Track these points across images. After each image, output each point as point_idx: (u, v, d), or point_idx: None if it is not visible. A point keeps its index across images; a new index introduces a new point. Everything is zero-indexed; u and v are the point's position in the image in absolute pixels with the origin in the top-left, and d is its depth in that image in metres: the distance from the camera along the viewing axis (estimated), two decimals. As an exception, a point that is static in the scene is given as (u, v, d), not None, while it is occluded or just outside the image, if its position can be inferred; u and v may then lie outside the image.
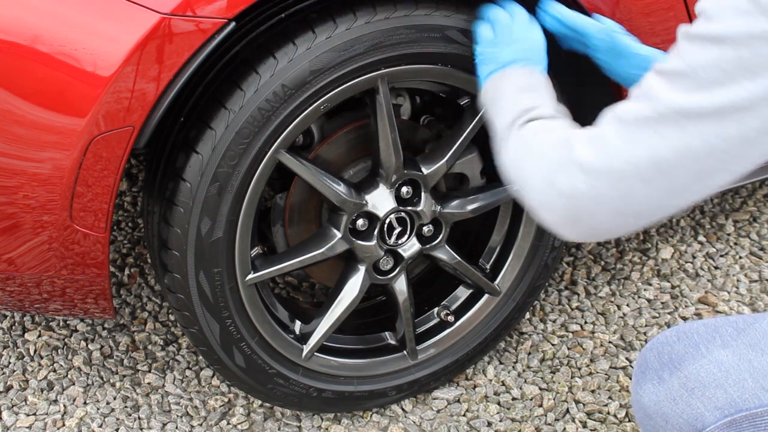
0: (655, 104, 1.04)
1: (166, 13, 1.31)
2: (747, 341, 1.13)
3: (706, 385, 1.11)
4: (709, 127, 1.01)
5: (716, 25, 1.00)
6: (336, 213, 1.69)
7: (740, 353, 1.12)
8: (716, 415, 1.11)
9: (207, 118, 1.50)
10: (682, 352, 1.15)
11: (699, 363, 1.13)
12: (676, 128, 1.02)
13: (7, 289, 1.58)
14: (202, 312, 1.62)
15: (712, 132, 1.01)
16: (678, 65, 1.03)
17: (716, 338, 1.14)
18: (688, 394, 1.12)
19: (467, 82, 1.64)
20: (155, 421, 1.89)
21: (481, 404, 1.95)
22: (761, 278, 2.28)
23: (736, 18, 0.98)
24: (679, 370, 1.14)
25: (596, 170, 1.08)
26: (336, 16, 1.49)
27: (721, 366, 1.12)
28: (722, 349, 1.13)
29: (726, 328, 1.15)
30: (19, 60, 1.32)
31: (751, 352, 1.11)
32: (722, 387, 1.11)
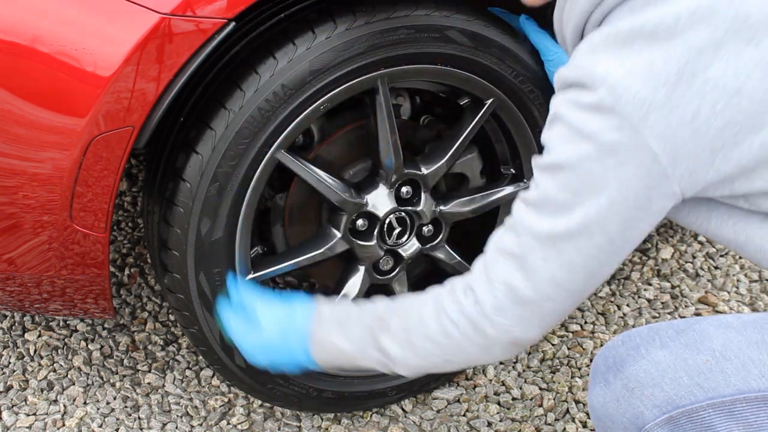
0: (531, 234, 1.18)
1: (166, 13, 1.31)
2: (684, 341, 1.17)
3: (645, 385, 1.16)
4: (580, 242, 1.15)
5: (552, 155, 1.15)
6: (336, 213, 1.69)
7: (677, 353, 1.16)
8: (655, 413, 1.15)
9: (207, 118, 1.50)
10: (624, 354, 1.20)
11: (638, 364, 1.17)
12: (555, 251, 1.16)
13: (7, 289, 1.58)
14: (202, 312, 1.62)
15: (584, 245, 1.15)
16: (536, 195, 1.17)
17: (656, 339, 1.19)
18: (629, 394, 1.17)
19: (467, 82, 1.64)
20: (155, 421, 1.89)
21: (481, 404, 1.95)
22: (761, 278, 2.28)
23: (564, 146, 1.13)
24: (621, 371, 1.19)
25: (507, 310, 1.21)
26: (336, 16, 1.50)
27: (659, 365, 1.16)
28: (660, 350, 1.17)
29: (666, 330, 1.20)
30: (19, 60, 1.32)
31: (687, 351, 1.15)
32: (659, 386, 1.15)
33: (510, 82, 1.66)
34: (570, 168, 1.13)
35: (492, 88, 1.67)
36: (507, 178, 1.83)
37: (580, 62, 1.12)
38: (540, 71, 1.67)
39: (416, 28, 1.54)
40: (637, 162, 1.09)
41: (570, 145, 1.12)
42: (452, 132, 1.74)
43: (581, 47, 1.15)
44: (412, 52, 1.55)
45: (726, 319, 1.19)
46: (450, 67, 1.61)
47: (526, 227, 1.18)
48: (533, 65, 1.66)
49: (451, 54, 1.59)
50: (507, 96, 1.68)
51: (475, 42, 1.60)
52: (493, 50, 1.62)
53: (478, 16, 1.61)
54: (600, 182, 1.12)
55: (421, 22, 1.54)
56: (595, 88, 1.09)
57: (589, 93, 1.10)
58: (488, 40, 1.61)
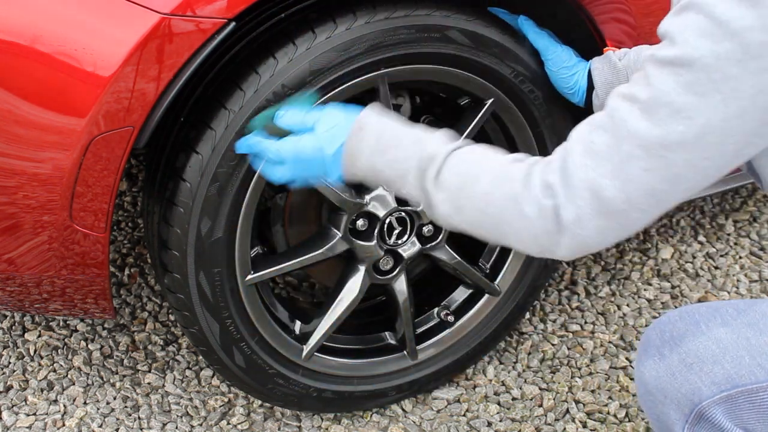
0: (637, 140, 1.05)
1: (166, 13, 1.31)
2: (746, 320, 1.15)
3: (705, 361, 1.14)
4: (692, 154, 1.04)
5: (681, 48, 1.01)
6: (336, 213, 1.69)
7: (739, 331, 1.14)
8: (713, 390, 1.13)
9: (207, 118, 1.50)
10: (683, 329, 1.17)
11: (698, 340, 1.15)
12: (662, 162, 1.04)
13: (7, 289, 1.58)
14: (202, 312, 1.62)
15: (696, 157, 1.04)
16: (649, 93, 1.04)
17: (716, 317, 1.16)
18: (687, 370, 1.15)
19: (467, 82, 1.64)
20: (155, 421, 1.89)
21: (481, 404, 1.95)
22: (761, 278, 2.28)
23: (701, 40, 0.99)
24: (679, 346, 1.16)
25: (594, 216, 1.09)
26: (336, 16, 1.50)
27: (720, 343, 1.14)
28: (721, 327, 1.15)
29: (727, 308, 1.17)
30: (19, 60, 1.32)
31: (749, 331, 1.14)
32: (720, 363, 1.13)
33: (510, 82, 1.66)
34: (703, 67, 0.99)
35: (492, 88, 1.67)
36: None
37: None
38: (540, 71, 1.67)
39: (416, 28, 1.54)
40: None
41: (707, 41, 0.98)
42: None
43: None
44: (412, 52, 1.55)
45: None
46: (450, 67, 1.61)
47: (631, 131, 1.04)
48: (533, 65, 1.66)
49: (451, 54, 1.59)
50: (507, 96, 1.68)
51: (475, 42, 1.60)
52: (493, 50, 1.62)
53: (478, 16, 1.61)
54: (735, 88, 0.99)
55: (421, 22, 1.54)
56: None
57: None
58: (488, 40, 1.61)
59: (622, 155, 1.05)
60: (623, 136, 1.05)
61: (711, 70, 0.99)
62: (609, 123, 1.07)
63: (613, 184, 1.06)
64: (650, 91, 1.03)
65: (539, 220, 1.12)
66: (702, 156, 1.04)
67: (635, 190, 1.06)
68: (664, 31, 1.04)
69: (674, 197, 1.08)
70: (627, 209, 1.07)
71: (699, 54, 0.99)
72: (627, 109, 1.05)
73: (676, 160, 1.04)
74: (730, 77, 0.99)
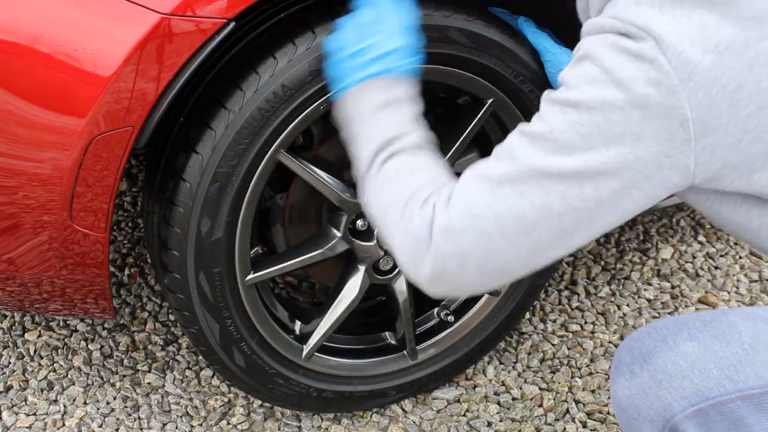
0: (517, 164, 1.09)
1: (166, 13, 1.31)
2: (713, 333, 1.15)
3: (673, 376, 1.15)
4: (568, 188, 1.07)
5: (573, 92, 1.07)
6: (336, 213, 1.69)
7: (706, 344, 1.14)
8: (683, 405, 1.14)
9: (207, 118, 1.50)
10: (651, 346, 1.18)
11: (666, 355, 1.16)
12: (537, 188, 1.08)
13: (7, 289, 1.58)
14: (202, 312, 1.62)
15: (570, 193, 1.08)
16: (540, 128, 1.09)
17: (683, 331, 1.17)
18: (657, 386, 1.16)
19: (467, 82, 1.64)
20: (155, 421, 1.89)
21: (481, 404, 1.95)
22: (761, 278, 2.28)
23: (589, 86, 1.05)
24: (648, 363, 1.17)
25: (460, 229, 1.13)
26: (336, 16, 1.49)
27: (687, 357, 1.14)
28: (688, 342, 1.15)
29: (693, 321, 1.18)
30: (19, 60, 1.32)
31: (716, 343, 1.14)
32: (688, 377, 1.14)
33: (510, 82, 1.66)
34: (588, 110, 1.05)
35: (492, 88, 1.66)
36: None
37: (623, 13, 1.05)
38: (540, 71, 1.67)
39: (416, 28, 1.54)
40: (663, 123, 1.03)
41: (595, 87, 1.05)
42: (452, 132, 1.74)
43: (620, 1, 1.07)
44: (412, 52, 1.55)
45: (753, 311, 1.18)
46: (450, 67, 1.61)
47: (515, 156, 1.10)
48: (533, 65, 1.66)
49: (451, 54, 1.59)
50: (507, 96, 1.68)
51: (475, 42, 1.60)
52: (493, 50, 1.62)
53: (478, 16, 1.61)
54: (616, 134, 1.04)
55: (421, 22, 1.54)
56: (640, 37, 1.02)
57: (632, 40, 1.03)
58: (488, 40, 1.61)
59: (503, 177, 1.10)
60: (506, 159, 1.11)
61: (595, 113, 1.05)
62: (498, 150, 1.14)
63: (486, 201, 1.11)
64: (540, 126, 1.09)
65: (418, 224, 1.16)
66: (576, 194, 1.08)
67: (505, 210, 1.10)
68: (561, 79, 1.10)
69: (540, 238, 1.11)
70: (493, 230, 1.11)
71: (586, 98, 1.05)
72: (517, 138, 1.12)
73: (550, 189, 1.08)
74: (612, 123, 1.04)
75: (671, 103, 1.03)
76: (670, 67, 1.02)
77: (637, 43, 1.02)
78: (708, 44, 1.02)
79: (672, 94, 1.02)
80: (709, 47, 1.02)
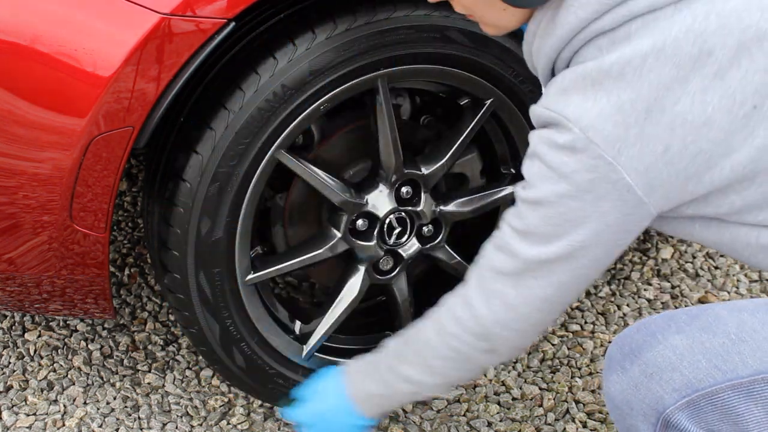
0: (520, 260, 1.24)
1: (166, 13, 1.31)
2: (699, 325, 1.19)
3: (663, 369, 1.18)
4: (565, 266, 1.21)
5: (533, 191, 1.19)
6: (336, 213, 1.69)
7: (693, 337, 1.18)
8: (675, 397, 1.17)
9: (207, 118, 1.50)
10: (640, 341, 1.22)
11: (656, 349, 1.19)
12: (542, 274, 1.23)
13: (7, 289, 1.58)
14: (202, 312, 1.62)
15: (568, 268, 1.21)
16: (522, 225, 1.22)
17: (671, 326, 1.21)
18: (648, 380, 1.19)
19: (467, 82, 1.64)
20: (155, 421, 1.89)
21: (481, 404, 1.95)
22: (761, 278, 2.29)
23: (543, 183, 1.18)
24: (638, 358, 1.20)
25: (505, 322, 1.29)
26: (336, 16, 1.49)
27: (676, 350, 1.18)
28: (676, 335, 1.19)
29: (680, 316, 1.22)
30: (19, 60, 1.32)
31: (703, 335, 1.17)
32: (678, 370, 1.17)
33: (510, 82, 1.66)
34: (550, 204, 1.18)
35: (492, 88, 1.67)
36: (507, 178, 1.83)
37: (553, 103, 1.16)
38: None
39: (416, 28, 1.54)
40: (614, 196, 1.15)
41: (548, 184, 1.17)
42: (452, 132, 1.74)
43: (552, 87, 1.18)
44: (412, 52, 1.55)
45: (738, 303, 1.22)
46: (450, 67, 1.61)
47: (515, 252, 1.24)
48: (533, 65, 1.66)
49: (451, 54, 1.59)
50: (507, 96, 1.68)
51: (475, 42, 1.60)
52: (493, 50, 1.62)
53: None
54: (580, 216, 1.17)
55: (421, 22, 1.54)
56: (568, 128, 1.13)
57: (563, 133, 1.14)
58: (488, 40, 1.61)
59: (515, 269, 1.25)
60: (510, 254, 1.25)
61: (556, 206, 1.17)
62: (500, 243, 1.27)
63: (515, 292, 1.26)
64: (522, 223, 1.22)
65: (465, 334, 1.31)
66: (577, 265, 1.21)
67: (532, 296, 1.25)
68: (523, 173, 1.22)
69: (567, 298, 1.28)
70: (528, 312, 1.27)
71: (544, 195, 1.18)
72: (509, 233, 1.25)
73: (556, 270, 1.22)
74: (573, 209, 1.17)
75: (613, 178, 1.13)
76: (601, 150, 1.12)
77: (567, 134, 1.13)
78: (629, 119, 1.11)
79: (611, 170, 1.13)
80: (630, 121, 1.11)
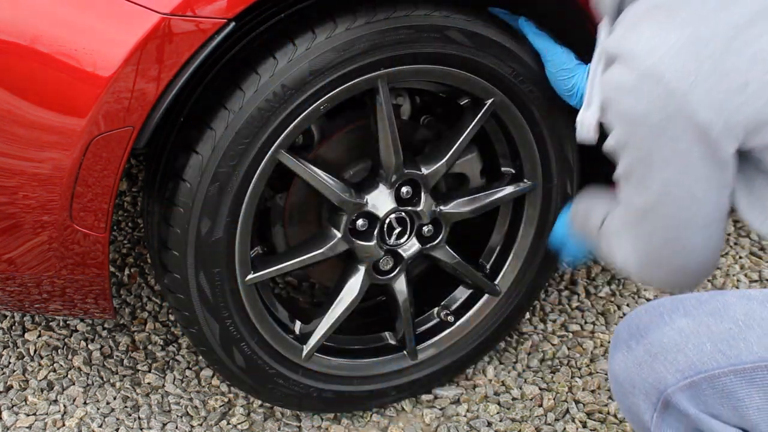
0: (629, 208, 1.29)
1: (166, 13, 1.31)
2: (707, 309, 1.19)
3: (668, 350, 1.19)
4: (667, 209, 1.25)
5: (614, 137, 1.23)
6: (336, 213, 1.69)
7: (700, 320, 1.19)
8: (677, 377, 1.18)
9: (207, 118, 1.50)
10: (647, 321, 1.23)
11: (662, 330, 1.20)
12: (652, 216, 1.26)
13: (7, 289, 1.58)
14: (202, 312, 1.62)
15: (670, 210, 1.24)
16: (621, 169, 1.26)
17: (679, 308, 1.22)
18: (652, 359, 1.20)
19: (467, 82, 1.64)
20: (155, 421, 1.89)
21: (481, 404, 1.95)
22: (761, 278, 2.28)
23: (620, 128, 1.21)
24: (644, 337, 1.22)
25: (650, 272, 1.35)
26: (336, 16, 1.50)
27: (682, 332, 1.19)
28: (683, 317, 1.20)
29: (689, 299, 1.23)
30: (19, 60, 1.32)
31: (710, 319, 1.18)
32: (683, 351, 1.18)
33: (510, 82, 1.66)
34: (631, 148, 1.20)
35: (492, 88, 1.66)
36: (507, 178, 1.83)
37: (623, 37, 1.15)
38: (540, 71, 1.67)
39: (416, 28, 1.54)
40: (689, 135, 1.15)
41: (625, 128, 1.20)
42: (452, 132, 1.74)
43: (621, 23, 1.17)
44: (412, 52, 1.55)
45: (748, 292, 1.23)
46: (450, 67, 1.61)
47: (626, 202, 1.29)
48: (533, 65, 1.66)
49: (451, 54, 1.59)
50: (507, 96, 1.68)
51: (475, 42, 1.60)
52: (493, 50, 1.62)
53: (478, 16, 1.61)
54: (661, 157, 1.18)
55: (421, 22, 1.54)
56: (636, 65, 1.12)
57: (632, 70, 1.14)
58: (488, 40, 1.61)
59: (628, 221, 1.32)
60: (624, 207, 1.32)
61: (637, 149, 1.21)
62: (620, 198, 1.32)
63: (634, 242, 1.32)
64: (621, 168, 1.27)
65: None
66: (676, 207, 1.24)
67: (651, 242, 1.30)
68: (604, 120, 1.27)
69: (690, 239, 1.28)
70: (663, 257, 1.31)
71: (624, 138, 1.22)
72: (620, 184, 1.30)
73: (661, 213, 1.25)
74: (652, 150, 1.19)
75: (686, 115, 1.13)
76: (672, 85, 1.11)
77: (636, 73, 1.13)
78: (706, 51, 1.10)
79: (684, 107, 1.12)
80: (706, 54, 1.10)
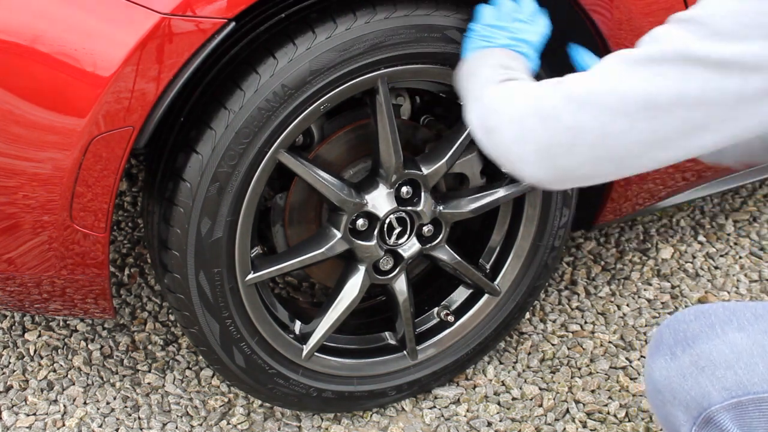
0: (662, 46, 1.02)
1: (166, 13, 1.31)
2: (763, 327, 1.13)
3: (717, 365, 1.12)
4: (711, 77, 1.00)
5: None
6: (336, 213, 1.69)
7: (755, 338, 1.12)
8: (723, 395, 1.11)
9: (207, 118, 1.50)
10: (697, 330, 1.15)
11: (713, 343, 1.13)
12: (677, 71, 1.01)
13: (7, 289, 1.58)
14: (202, 312, 1.62)
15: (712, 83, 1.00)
16: (696, 13, 1.01)
17: (733, 321, 1.14)
18: (698, 372, 1.13)
19: (467, 82, 1.64)
20: (155, 421, 1.89)
21: (481, 404, 1.95)
22: (761, 278, 2.28)
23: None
24: (692, 347, 1.14)
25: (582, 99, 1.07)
26: (336, 16, 1.50)
27: (734, 348, 1.12)
28: (737, 332, 1.13)
29: (744, 312, 1.15)
30: (19, 60, 1.32)
31: (765, 338, 1.11)
32: (732, 368, 1.11)
33: (510, 82, 1.66)
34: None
35: (492, 88, 1.66)
36: (507, 178, 1.83)
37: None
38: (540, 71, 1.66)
39: (416, 28, 1.54)
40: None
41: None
42: (452, 132, 1.74)
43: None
44: (412, 52, 1.55)
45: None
46: (450, 67, 1.61)
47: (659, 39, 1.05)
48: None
49: (452, 54, 1.59)
50: (507, 96, 1.68)
51: (475, 42, 1.60)
52: (493, 50, 1.62)
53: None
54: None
55: (421, 22, 1.54)
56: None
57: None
58: (488, 40, 1.61)
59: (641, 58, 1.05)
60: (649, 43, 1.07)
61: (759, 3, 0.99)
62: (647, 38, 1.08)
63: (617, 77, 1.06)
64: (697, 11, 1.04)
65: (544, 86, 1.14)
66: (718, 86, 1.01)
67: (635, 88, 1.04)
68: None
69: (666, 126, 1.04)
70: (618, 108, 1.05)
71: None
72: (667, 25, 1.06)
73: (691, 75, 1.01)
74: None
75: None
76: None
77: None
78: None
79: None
80: None
